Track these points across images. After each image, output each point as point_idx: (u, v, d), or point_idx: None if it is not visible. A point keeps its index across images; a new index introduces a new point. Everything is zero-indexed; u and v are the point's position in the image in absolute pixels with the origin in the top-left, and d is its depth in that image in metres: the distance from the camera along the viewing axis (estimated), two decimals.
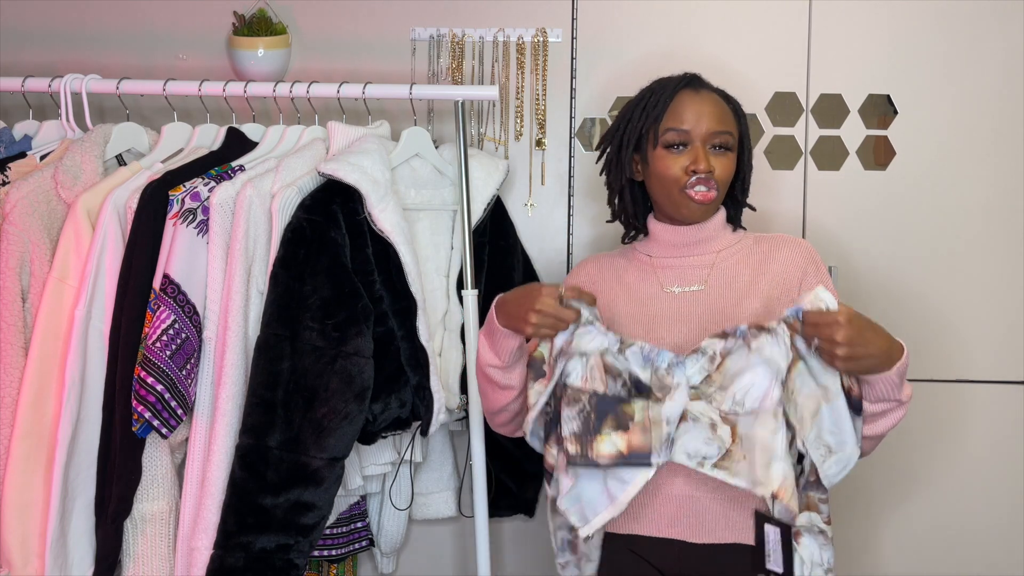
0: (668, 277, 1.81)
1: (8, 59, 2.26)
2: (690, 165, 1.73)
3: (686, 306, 1.77)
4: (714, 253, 1.81)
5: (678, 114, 1.75)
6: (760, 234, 1.85)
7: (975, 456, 2.24)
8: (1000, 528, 2.24)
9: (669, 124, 1.75)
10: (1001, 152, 2.19)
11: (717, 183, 1.74)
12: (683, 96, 1.77)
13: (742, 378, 1.63)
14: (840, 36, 2.20)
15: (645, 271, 1.83)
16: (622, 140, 1.82)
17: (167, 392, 1.77)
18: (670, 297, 1.79)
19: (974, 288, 2.21)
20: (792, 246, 1.80)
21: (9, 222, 1.82)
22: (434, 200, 2.06)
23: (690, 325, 1.75)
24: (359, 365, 1.82)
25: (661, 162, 1.76)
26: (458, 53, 2.23)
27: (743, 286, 1.77)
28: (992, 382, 2.22)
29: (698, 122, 1.74)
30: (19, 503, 1.80)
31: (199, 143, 2.03)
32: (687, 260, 1.81)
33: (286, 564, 1.79)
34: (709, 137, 1.74)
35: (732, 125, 1.78)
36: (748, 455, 1.61)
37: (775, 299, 1.75)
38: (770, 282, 1.76)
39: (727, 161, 1.76)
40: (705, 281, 1.79)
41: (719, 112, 1.76)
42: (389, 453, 2.08)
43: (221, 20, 2.20)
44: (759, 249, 1.81)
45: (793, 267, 1.77)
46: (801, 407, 1.63)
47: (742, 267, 1.79)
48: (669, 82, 1.81)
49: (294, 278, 1.81)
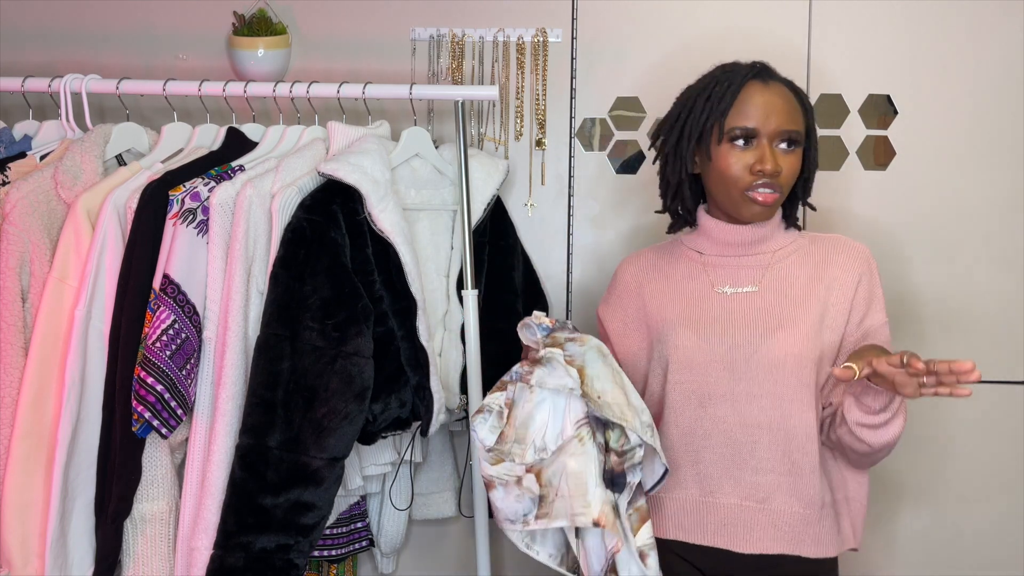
0: (720, 276, 1.75)
1: (8, 59, 2.26)
2: (755, 164, 1.65)
3: (739, 308, 1.72)
4: (770, 253, 1.75)
5: (746, 109, 1.66)
6: (817, 234, 1.80)
7: (975, 456, 2.24)
8: (1000, 528, 2.24)
9: (736, 121, 1.66)
10: (1001, 152, 2.19)
11: (782, 185, 1.67)
12: (751, 88, 1.68)
13: (534, 423, 1.57)
14: (840, 36, 2.20)
15: (694, 269, 1.78)
16: (682, 132, 1.73)
17: (167, 392, 1.77)
18: (721, 298, 1.73)
19: (974, 288, 2.21)
20: (849, 251, 1.74)
21: (9, 222, 1.82)
22: (434, 200, 2.06)
23: (744, 329, 1.70)
24: (359, 365, 1.81)
25: (724, 159, 1.67)
26: (458, 53, 2.23)
27: (799, 291, 1.71)
28: (992, 382, 2.22)
29: (767, 118, 1.66)
30: (19, 503, 1.80)
31: (199, 143, 2.03)
32: (741, 260, 1.75)
33: (286, 564, 1.79)
34: (778, 135, 1.66)
35: (801, 121, 1.70)
36: (560, 491, 1.55)
37: (831, 305, 1.70)
38: (826, 287, 1.71)
39: (794, 159, 1.69)
40: (759, 283, 1.73)
41: (789, 108, 1.68)
42: (389, 453, 2.08)
43: (221, 20, 2.20)
44: (816, 251, 1.75)
45: (850, 273, 1.72)
46: (614, 404, 1.58)
47: (797, 270, 1.73)
48: (736, 71, 1.70)
49: (294, 278, 1.81)
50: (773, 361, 1.68)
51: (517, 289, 2.14)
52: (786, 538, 1.68)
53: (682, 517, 1.72)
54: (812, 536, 1.69)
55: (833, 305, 1.71)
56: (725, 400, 1.69)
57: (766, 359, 1.68)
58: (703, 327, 1.72)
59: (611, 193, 2.26)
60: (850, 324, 1.72)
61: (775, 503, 1.68)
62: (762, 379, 1.68)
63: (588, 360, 1.59)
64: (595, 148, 2.25)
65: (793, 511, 1.68)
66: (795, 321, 1.69)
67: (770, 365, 1.68)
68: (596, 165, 2.26)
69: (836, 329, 1.71)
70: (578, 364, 1.59)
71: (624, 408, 1.58)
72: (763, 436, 1.68)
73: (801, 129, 1.69)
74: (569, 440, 1.55)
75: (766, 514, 1.68)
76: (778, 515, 1.68)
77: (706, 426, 1.70)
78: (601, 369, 1.61)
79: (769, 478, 1.68)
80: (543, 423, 1.57)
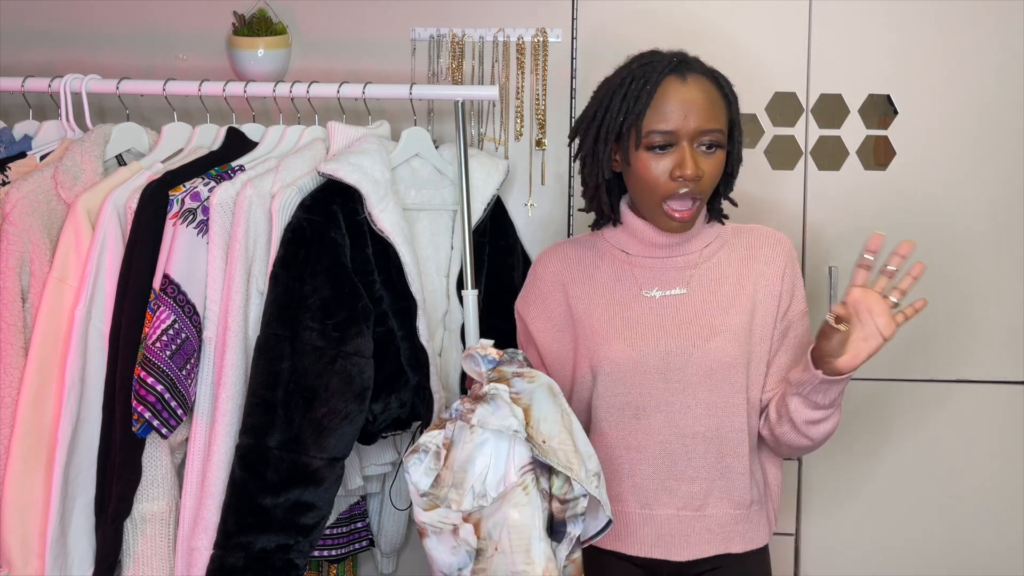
0: (647, 278, 1.71)
1: (8, 59, 2.26)
2: (675, 169, 1.60)
3: (669, 313, 1.68)
4: (697, 252, 1.71)
5: (663, 111, 1.59)
6: (740, 225, 1.77)
7: (975, 456, 2.24)
8: (1000, 528, 2.24)
9: (653, 125, 1.59)
10: (1001, 152, 2.19)
11: (703, 190, 1.63)
12: (668, 86, 1.60)
13: (474, 466, 1.46)
14: (840, 36, 2.20)
15: (620, 269, 1.73)
16: (598, 133, 1.65)
17: (167, 392, 1.77)
18: (650, 302, 1.69)
19: (974, 288, 2.21)
20: (773, 243, 1.73)
21: (9, 222, 1.82)
22: (434, 200, 2.06)
23: (676, 337, 1.67)
24: (359, 365, 1.81)
25: (642, 164, 1.61)
26: (458, 53, 2.23)
27: (728, 290, 1.69)
28: (992, 382, 2.22)
29: (685, 119, 1.58)
30: (19, 503, 1.80)
31: (199, 143, 2.02)
32: (668, 261, 1.71)
33: (286, 564, 1.79)
34: (697, 136, 1.60)
35: (723, 119, 1.63)
36: (500, 545, 1.44)
37: (759, 301, 1.70)
38: (755, 283, 1.70)
39: (716, 161, 1.63)
40: (687, 284, 1.69)
41: (708, 105, 1.60)
42: (389, 453, 2.08)
43: (221, 20, 2.19)
44: (740, 243, 1.73)
45: (775, 266, 1.71)
46: (559, 450, 1.47)
47: (725, 268, 1.71)
48: (653, 66, 1.62)
49: (294, 278, 1.81)
50: (707, 369, 1.66)
51: (517, 289, 2.14)
52: (718, 539, 1.69)
53: (620, 529, 1.69)
54: (741, 533, 1.71)
55: (762, 301, 1.70)
56: (659, 411, 1.67)
57: (700, 367, 1.66)
58: (634, 336, 1.67)
59: None
60: (776, 316, 1.72)
61: (709, 508, 1.68)
62: (696, 387, 1.66)
63: (536, 399, 1.49)
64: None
65: (725, 513, 1.69)
66: (726, 326, 1.66)
67: (704, 373, 1.66)
68: None
69: (766, 325, 1.71)
70: (524, 403, 1.48)
71: (571, 455, 1.48)
72: (698, 445, 1.67)
73: (723, 127, 1.63)
74: (512, 488, 1.45)
75: (701, 520, 1.68)
76: (712, 519, 1.68)
77: (640, 439, 1.68)
78: (550, 410, 1.51)
79: (703, 485, 1.68)
80: (484, 467, 1.46)
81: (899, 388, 2.23)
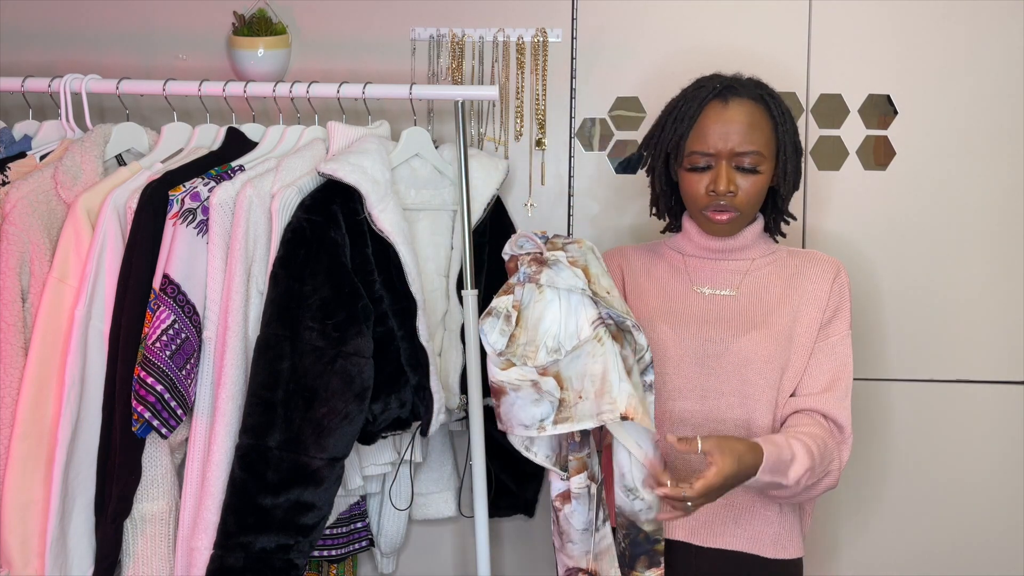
0: (699, 277, 1.82)
1: (8, 59, 2.26)
2: (710, 185, 1.73)
3: (716, 309, 1.78)
4: (748, 260, 1.82)
5: (703, 134, 1.73)
6: (795, 248, 1.87)
7: (975, 456, 2.24)
8: (1000, 528, 2.24)
9: (693, 146, 1.74)
10: (1001, 152, 2.19)
11: (738, 205, 1.73)
12: (711, 110, 1.74)
13: (544, 324, 1.55)
14: (840, 36, 2.20)
15: (676, 268, 1.84)
16: (655, 151, 1.83)
17: (167, 392, 1.77)
18: (699, 298, 1.79)
19: (974, 288, 2.21)
20: (823, 264, 1.80)
21: (9, 222, 1.82)
22: (434, 200, 2.06)
23: (719, 329, 1.76)
24: (359, 365, 1.82)
25: (686, 180, 1.77)
26: (458, 53, 2.23)
27: (774, 297, 1.77)
28: (992, 382, 2.22)
29: (724, 141, 1.72)
30: (19, 503, 1.80)
31: (199, 143, 2.03)
32: (720, 264, 1.82)
33: (286, 564, 1.79)
34: (733, 157, 1.72)
35: (762, 140, 1.73)
36: (584, 392, 1.53)
37: (802, 315, 1.76)
38: (799, 296, 1.77)
39: (755, 180, 1.74)
40: (737, 287, 1.79)
41: (746, 129, 1.72)
42: (389, 453, 2.08)
43: (221, 20, 2.20)
44: (792, 263, 1.82)
45: (823, 283, 1.78)
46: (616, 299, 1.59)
47: (774, 278, 1.80)
48: (700, 91, 1.77)
49: (294, 278, 1.81)
50: (742, 359, 1.73)
51: None
52: (746, 534, 1.73)
53: None
54: (772, 537, 1.74)
55: (805, 312, 1.76)
56: (694, 395, 1.74)
57: (736, 357, 1.73)
58: (678, 322, 1.77)
59: (611, 193, 2.26)
60: (818, 326, 1.77)
61: (735, 497, 1.71)
62: (730, 376, 1.73)
63: (589, 260, 1.61)
64: (595, 148, 2.25)
65: (753, 504, 1.73)
66: (767, 325, 1.74)
67: (739, 363, 1.73)
68: (596, 165, 2.26)
69: (808, 334, 1.75)
70: (581, 264, 1.59)
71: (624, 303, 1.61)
72: (728, 431, 1.73)
73: (761, 148, 1.73)
74: (587, 341, 1.54)
75: (727, 509, 1.72)
76: (737, 509, 1.73)
77: (674, 420, 1.75)
78: (601, 268, 1.64)
79: None
80: (555, 323, 1.55)
81: (899, 388, 2.23)
